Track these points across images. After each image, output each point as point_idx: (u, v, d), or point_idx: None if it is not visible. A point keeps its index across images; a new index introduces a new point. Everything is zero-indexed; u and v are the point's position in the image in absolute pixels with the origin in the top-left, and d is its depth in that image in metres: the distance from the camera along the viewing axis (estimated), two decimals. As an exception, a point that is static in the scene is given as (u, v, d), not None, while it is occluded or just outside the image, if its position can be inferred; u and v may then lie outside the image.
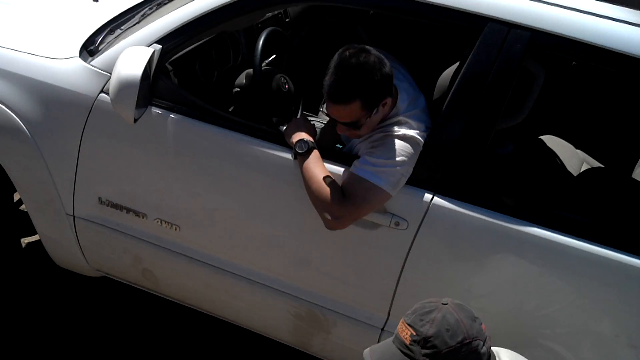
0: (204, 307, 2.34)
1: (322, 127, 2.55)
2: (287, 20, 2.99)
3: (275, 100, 2.37)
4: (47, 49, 2.20)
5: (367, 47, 1.83)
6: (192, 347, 2.61)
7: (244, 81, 2.41)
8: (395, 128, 1.86)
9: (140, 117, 2.00)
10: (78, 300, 2.73)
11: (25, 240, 2.90)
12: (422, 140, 1.86)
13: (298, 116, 2.59)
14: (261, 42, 2.28)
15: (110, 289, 2.74)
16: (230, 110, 2.47)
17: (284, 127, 2.18)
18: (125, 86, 1.89)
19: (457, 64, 2.34)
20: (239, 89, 2.38)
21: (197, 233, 2.15)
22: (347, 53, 1.80)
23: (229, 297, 2.22)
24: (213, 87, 2.45)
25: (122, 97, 1.90)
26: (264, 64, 2.38)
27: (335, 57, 1.81)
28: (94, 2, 2.60)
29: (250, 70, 2.41)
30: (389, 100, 1.86)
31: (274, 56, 2.73)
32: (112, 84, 1.92)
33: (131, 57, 1.93)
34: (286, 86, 2.44)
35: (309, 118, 2.82)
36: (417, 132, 1.87)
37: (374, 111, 1.84)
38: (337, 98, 1.81)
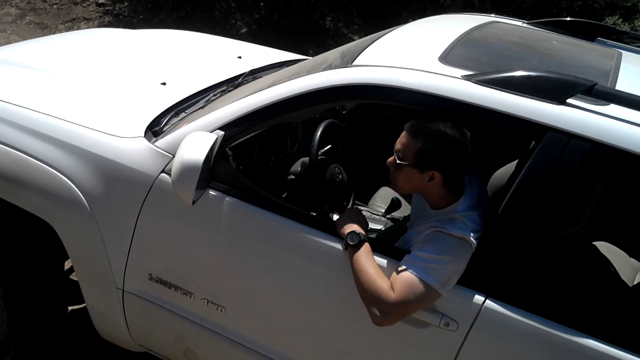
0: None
1: (388, 227, 2.56)
2: (343, 112, 3.08)
3: (328, 189, 2.41)
4: (113, 127, 2.30)
5: (468, 135, 1.91)
6: None
7: (299, 169, 2.47)
8: (449, 226, 1.86)
9: (198, 199, 2.05)
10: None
11: (71, 308, 2.94)
12: (475, 243, 1.86)
13: (350, 206, 2.62)
14: (319, 133, 2.34)
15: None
16: (284, 196, 2.51)
17: (336, 217, 2.21)
18: (187, 169, 1.95)
19: (511, 165, 2.36)
20: (294, 177, 2.43)
21: (242, 316, 2.15)
22: (450, 123, 1.89)
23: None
24: (269, 173, 2.51)
25: (183, 180, 1.96)
26: (319, 153, 2.44)
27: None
28: (162, 85, 2.73)
29: (306, 159, 2.47)
30: (437, 177, 1.90)
31: (329, 146, 2.80)
32: (175, 166, 1.98)
33: (195, 142, 2.00)
34: (340, 176, 2.48)
35: (360, 208, 2.85)
36: (471, 233, 1.86)
37: (420, 170, 1.89)
38: (411, 127, 1.92)
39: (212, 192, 2.10)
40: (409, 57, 2.14)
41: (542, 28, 2.86)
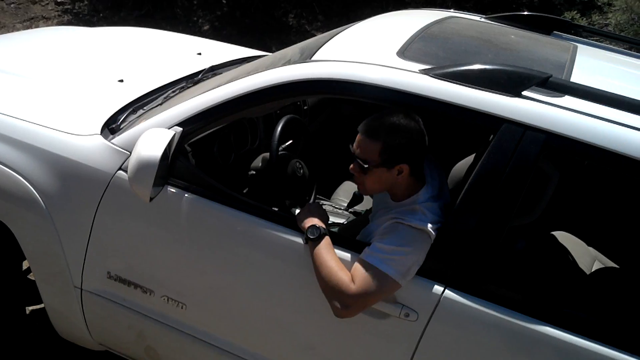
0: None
1: (350, 221, 2.56)
2: (305, 107, 3.08)
3: (289, 184, 2.41)
4: (69, 125, 2.27)
5: (421, 121, 1.93)
6: None
7: (260, 164, 2.46)
8: (409, 217, 1.88)
9: (156, 195, 2.03)
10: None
11: (30, 308, 2.88)
12: (434, 234, 1.87)
13: (311, 201, 2.62)
14: (279, 128, 2.34)
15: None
16: (245, 192, 2.50)
17: (297, 211, 2.20)
18: (144, 166, 1.93)
19: (470, 157, 2.39)
20: (254, 172, 2.43)
21: (203, 313, 2.13)
22: (401, 114, 1.90)
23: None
24: (229, 169, 2.50)
25: (140, 177, 1.94)
26: (280, 148, 2.43)
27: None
28: (119, 82, 2.69)
29: (267, 154, 2.47)
30: (406, 169, 1.91)
31: (290, 141, 2.79)
32: (132, 163, 1.96)
33: (152, 138, 1.98)
34: (301, 171, 2.48)
35: (322, 202, 2.85)
36: (431, 225, 1.88)
37: (389, 167, 1.90)
38: (366, 129, 1.92)
39: (170, 189, 2.08)
40: (368, 51, 2.14)
41: (500, 22, 2.90)
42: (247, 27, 7.25)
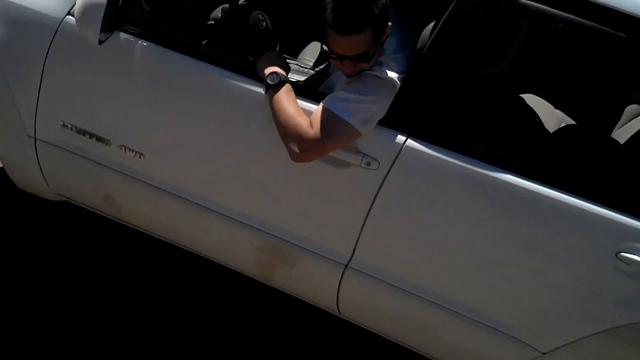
0: (168, 236, 2.30)
1: (311, 75, 2.48)
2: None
3: (251, 37, 2.30)
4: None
5: None
6: (149, 275, 2.59)
7: (220, 15, 2.33)
8: (374, 67, 1.81)
9: (106, 39, 1.92)
10: (36, 224, 2.69)
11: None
12: (399, 84, 1.82)
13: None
14: None
15: (71, 214, 2.69)
16: (203, 43, 2.38)
17: (257, 62, 2.12)
18: (90, 6, 1.81)
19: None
20: (213, 22, 2.30)
21: (162, 162, 2.09)
22: None
23: (193, 227, 2.18)
24: (186, 20, 2.36)
25: (87, 18, 1.83)
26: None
27: None
28: None
29: (227, 5, 2.33)
30: (388, 29, 1.81)
31: (252, -7, 2.64)
32: (78, 5, 1.84)
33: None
34: (264, 24, 2.36)
35: (289, 61, 2.75)
36: (396, 75, 1.82)
37: (380, 40, 1.78)
38: (348, 28, 1.71)
39: (123, 35, 1.97)
40: None
41: None
42: None
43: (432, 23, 2.31)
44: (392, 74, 1.81)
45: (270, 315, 2.58)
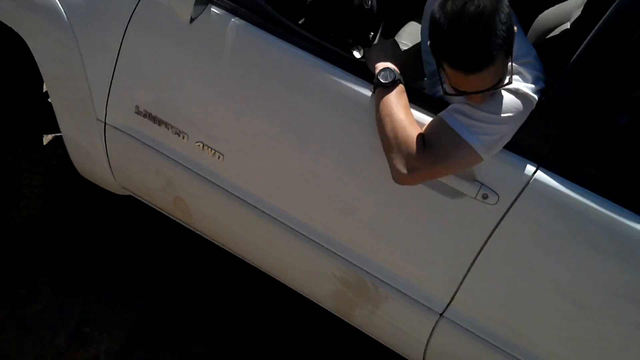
0: (238, 251, 2.04)
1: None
2: None
3: (354, 18, 2.01)
4: None
5: None
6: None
7: None
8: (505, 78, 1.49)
9: (197, 16, 1.66)
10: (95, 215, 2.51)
11: (49, 137, 2.64)
12: (536, 98, 1.49)
13: (376, 41, 2.21)
14: None
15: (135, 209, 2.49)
16: (300, 22, 2.10)
17: (357, 54, 1.82)
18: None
19: (563, 5, 1.98)
20: (315, 0, 2.01)
21: (242, 166, 1.83)
22: (454, 6, 1.36)
23: (268, 245, 1.92)
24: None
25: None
26: None
27: (438, 14, 1.38)
28: None
29: (331, -21, 2.04)
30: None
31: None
32: None
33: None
34: (369, 2, 2.07)
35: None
36: (532, 87, 1.50)
37: (512, 53, 1.43)
38: (479, 64, 1.36)
39: (214, 10, 1.70)
40: None
41: None
42: None
43: (549, 11, 1.99)
44: (527, 86, 1.49)
45: (274, 311, 2.40)
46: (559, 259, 1.57)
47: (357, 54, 2.10)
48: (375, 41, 2.21)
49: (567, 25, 1.88)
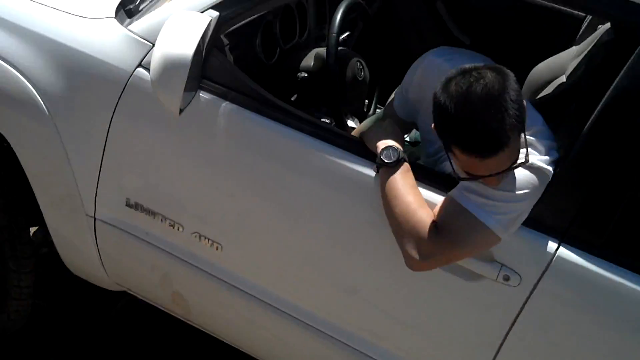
0: (244, 347, 1.93)
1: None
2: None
3: (348, 91, 1.93)
4: (74, 4, 1.77)
5: (466, 67, 1.31)
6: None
7: (312, 64, 1.97)
8: (520, 155, 1.40)
9: (187, 105, 1.57)
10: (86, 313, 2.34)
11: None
12: (551, 170, 1.41)
13: (371, 111, 2.15)
14: (339, 16, 1.84)
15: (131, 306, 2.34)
16: (293, 99, 2.02)
17: (352, 123, 1.73)
18: (172, 67, 1.46)
19: (559, 58, 1.95)
20: (306, 74, 1.93)
21: (242, 256, 1.73)
22: (458, 88, 1.27)
23: (276, 340, 1.80)
24: (274, 68, 2.00)
25: (167, 81, 1.48)
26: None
27: (442, 97, 1.29)
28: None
29: (321, 51, 1.97)
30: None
31: (347, 33, 2.27)
32: (155, 62, 1.49)
33: (181, 27, 1.50)
34: (362, 73, 2.00)
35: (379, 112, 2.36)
36: (546, 158, 1.42)
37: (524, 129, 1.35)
38: (493, 148, 1.27)
39: (204, 95, 1.61)
40: None
41: None
42: None
43: (543, 64, 1.98)
44: (541, 159, 1.41)
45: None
46: (588, 337, 1.48)
47: (352, 123, 2.02)
48: (371, 112, 2.13)
49: (563, 79, 1.83)
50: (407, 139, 2.12)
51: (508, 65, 1.43)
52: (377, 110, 2.17)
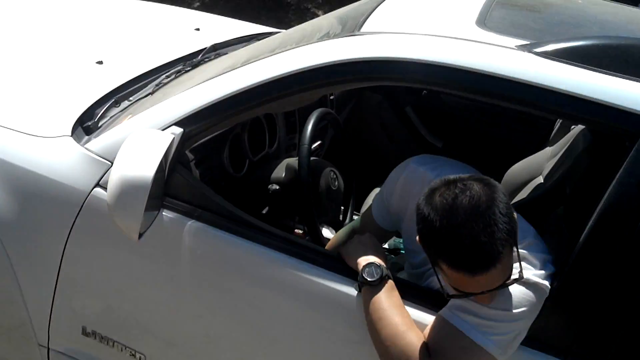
0: None
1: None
2: (331, 97, 2.45)
3: (323, 201, 1.84)
4: (28, 122, 1.69)
5: (451, 177, 1.23)
6: None
7: (284, 175, 1.88)
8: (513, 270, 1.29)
9: (147, 229, 1.45)
10: None
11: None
12: (548, 285, 1.31)
13: (347, 220, 2.04)
14: (310, 126, 1.77)
15: None
16: (264, 212, 1.91)
17: (327, 232, 1.77)
18: (130, 190, 1.35)
19: (535, 158, 1.92)
20: (277, 187, 1.83)
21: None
22: (443, 200, 1.19)
23: None
24: (243, 181, 1.91)
25: (124, 206, 1.37)
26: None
27: (427, 210, 1.20)
28: (98, 65, 2.07)
29: (292, 162, 1.89)
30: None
31: (318, 142, 2.20)
32: (112, 185, 1.38)
33: (141, 146, 1.41)
34: (335, 183, 1.91)
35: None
36: (542, 272, 1.31)
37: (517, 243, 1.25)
38: (483, 265, 1.17)
39: (166, 214, 1.51)
40: (438, 21, 1.57)
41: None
42: (240, 4, 6.60)
43: (517, 166, 1.95)
44: (536, 273, 1.31)
45: None
46: None
47: (327, 233, 1.92)
48: (347, 220, 2.03)
49: (541, 179, 1.78)
50: (387, 246, 2.02)
51: (482, 167, 1.36)
52: (354, 217, 2.07)
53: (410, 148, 2.66)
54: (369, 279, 1.37)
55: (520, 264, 1.24)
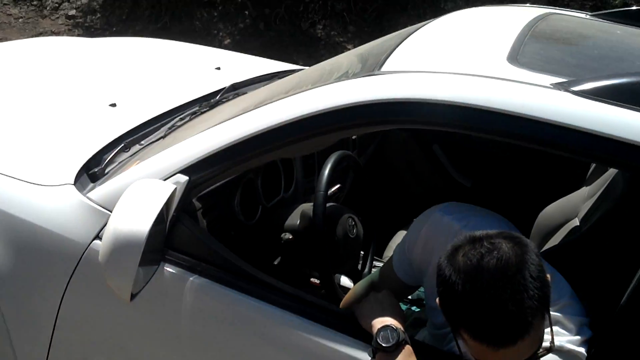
0: None
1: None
2: (353, 136, 2.31)
3: (340, 251, 1.70)
4: (30, 170, 1.60)
5: (477, 234, 1.09)
6: None
7: (298, 223, 1.75)
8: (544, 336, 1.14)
9: (141, 289, 1.33)
10: None
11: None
12: (584, 353, 1.16)
13: (367, 269, 1.90)
14: (327, 171, 1.64)
15: None
16: (276, 262, 1.78)
17: (346, 280, 1.70)
18: (122, 247, 1.24)
19: (567, 200, 1.81)
20: (291, 236, 1.70)
21: None
22: (467, 260, 1.05)
23: None
24: (255, 229, 1.78)
25: (116, 264, 1.25)
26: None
27: (448, 271, 1.07)
28: (111, 107, 1.98)
29: (308, 208, 1.76)
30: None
31: (337, 186, 2.07)
32: (105, 241, 1.28)
33: (139, 198, 1.31)
34: (354, 230, 1.77)
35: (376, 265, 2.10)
36: (577, 338, 1.17)
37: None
38: (510, 338, 1.04)
39: (168, 268, 1.39)
40: (466, 58, 1.44)
41: (610, 20, 2.16)
42: (271, 39, 6.61)
43: (553, 206, 1.84)
44: (571, 339, 1.16)
45: None
46: None
47: (346, 281, 1.78)
48: (367, 269, 1.88)
49: (577, 222, 1.65)
50: (409, 296, 1.87)
51: (514, 208, 1.21)
52: (373, 268, 1.92)
53: (438, 187, 2.51)
54: (383, 345, 1.23)
55: (551, 330, 1.09)
